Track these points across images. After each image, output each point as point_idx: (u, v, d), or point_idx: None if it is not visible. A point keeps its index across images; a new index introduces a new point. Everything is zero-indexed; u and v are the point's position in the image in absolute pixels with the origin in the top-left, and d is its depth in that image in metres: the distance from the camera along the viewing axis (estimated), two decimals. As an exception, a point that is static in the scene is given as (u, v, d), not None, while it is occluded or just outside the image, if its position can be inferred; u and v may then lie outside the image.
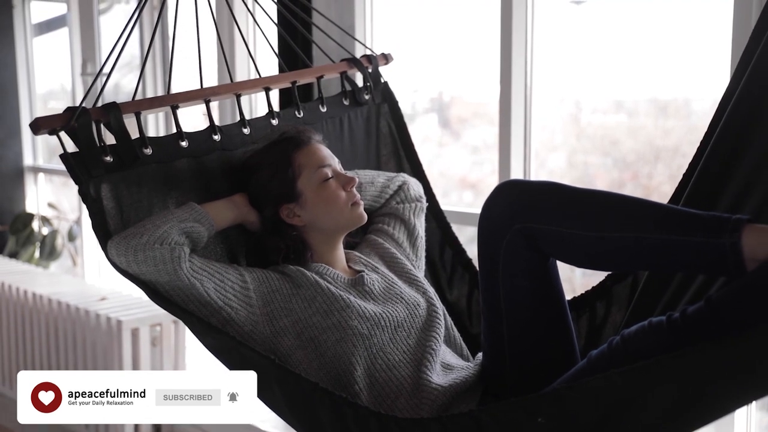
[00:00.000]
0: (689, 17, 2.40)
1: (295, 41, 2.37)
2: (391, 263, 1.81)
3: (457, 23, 2.93)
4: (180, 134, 1.72)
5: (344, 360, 1.56)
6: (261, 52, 3.33)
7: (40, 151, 4.88)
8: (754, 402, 1.26)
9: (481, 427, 1.25)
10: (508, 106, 2.51)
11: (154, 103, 1.73)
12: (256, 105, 3.36)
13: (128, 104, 1.68)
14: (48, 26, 4.83)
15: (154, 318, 3.41)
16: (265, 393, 1.54)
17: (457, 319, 1.94)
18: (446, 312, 1.78)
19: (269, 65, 3.24)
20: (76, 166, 1.59)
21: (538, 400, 1.24)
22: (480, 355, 1.68)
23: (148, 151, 1.67)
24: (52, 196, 4.92)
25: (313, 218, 1.72)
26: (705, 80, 2.43)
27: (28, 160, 4.85)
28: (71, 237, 4.58)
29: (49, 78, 4.94)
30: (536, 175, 2.59)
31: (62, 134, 1.63)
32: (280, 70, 2.27)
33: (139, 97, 1.71)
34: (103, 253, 1.59)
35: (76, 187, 4.68)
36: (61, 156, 1.60)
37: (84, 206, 3.65)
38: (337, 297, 1.61)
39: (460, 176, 3.04)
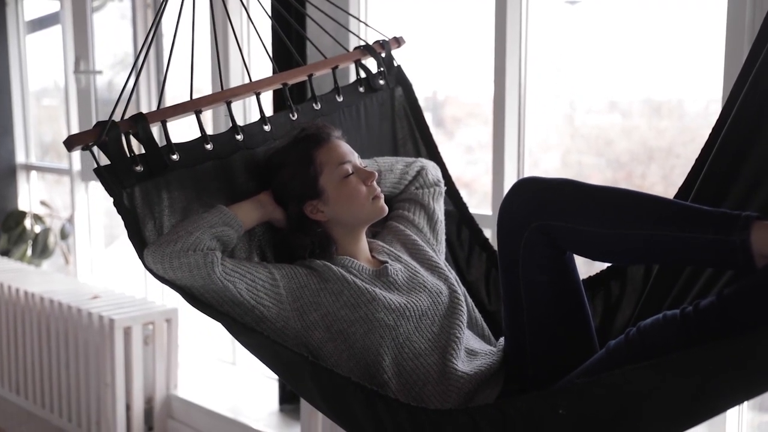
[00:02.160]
0: (683, 18, 2.41)
1: (290, 40, 2.37)
2: (414, 251, 1.86)
3: (452, 23, 2.93)
4: (204, 137, 1.76)
5: (372, 351, 1.62)
6: (255, 51, 3.33)
7: (33, 149, 4.87)
8: (748, 400, 1.30)
9: (506, 418, 1.31)
10: (502, 106, 2.52)
11: (178, 110, 1.76)
12: (257, 102, 3.35)
13: (154, 113, 1.71)
14: (41, 23, 4.83)
15: (146, 317, 3.41)
16: (299, 387, 1.61)
17: (476, 298, 1.98)
18: (467, 295, 1.83)
19: (261, 64, 3.24)
20: (109, 178, 1.63)
21: (559, 393, 1.32)
22: (502, 339, 1.73)
23: (175, 157, 1.70)
24: (44, 194, 4.91)
25: (336, 214, 1.76)
26: (698, 81, 2.44)
27: (20, 158, 4.83)
28: (63, 235, 4.57)
29: (42, 75, 4.92)
30: (529, 174, 2.59)
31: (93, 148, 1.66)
32: (276, 60, 2.27)
33: (132, 98, 1.72)
34: (139, 261, 1.63)
35: (68, 185, 4.65)
36: (95, 170, 1.64)
37: (77, 204, 3.63)
38: (363, 290, 1.66)
39: (454, 176, 3.04)
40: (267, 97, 2.78)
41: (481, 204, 2.96)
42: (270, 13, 2.13)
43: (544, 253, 1.52)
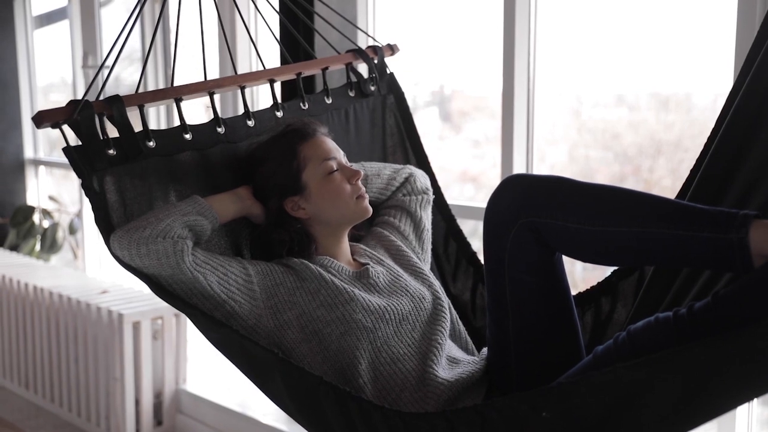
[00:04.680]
0: (691, 10, 2.40)
1: (297, 33, 2.37)
2: (397, 256, 1.81)
3: (459, 16, 2.92)
4: (184, 127, 1.72)
5: (348, 353, 1.56)
6: (262, 44, 3.33)
7: (41, 144, 4.87)
8: (754, 398, 1.25)
9: (485, 422, 1.25)
10: (510, 99, 2.51)
11: (157, 95, 1.73)
12: (257, 97, 3.35)
13: (131, 97, 1.67)
14: (49, 18, 4.83)
15: (155, 311, 3.42)
16: (268, 386, 1.54)
17: (461, 313, 1.94)
18: (451, 305, 1.78)
19: (269, 58, 3.23)
20: (79, 159, 1.59)
21: (543, 394, 1.23)
22: (485, 349, 1.68)
23: (152, 143, 1.67)
24: (53, 189, 4.92)
25: (317, 211, 1.71)
26: (706, 74, 2.43)
27: (28, 153, 4.84)
28: (72, 230, 4.58)
29: (50, 70, 4.93)
30: (537, 169, 2.58)
31: (64, 127, 1.63)
32: (283, 61, 2.26)
33: (140, 89, 1.70)
34: (105, 247, 1.59)
35: (76, 180, 4.67)
36: (64, 149, 1.60)
37: (85, 199, 3.61)
38: (342, 290, 1.61)
39: (460, 170, 3.03)
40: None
41: (488, 198, 2.95)
42: (275, 21, 2.13)
43: (533, 252, 1.46)
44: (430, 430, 1.29)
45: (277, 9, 2.11)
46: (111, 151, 1.61)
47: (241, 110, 3.08)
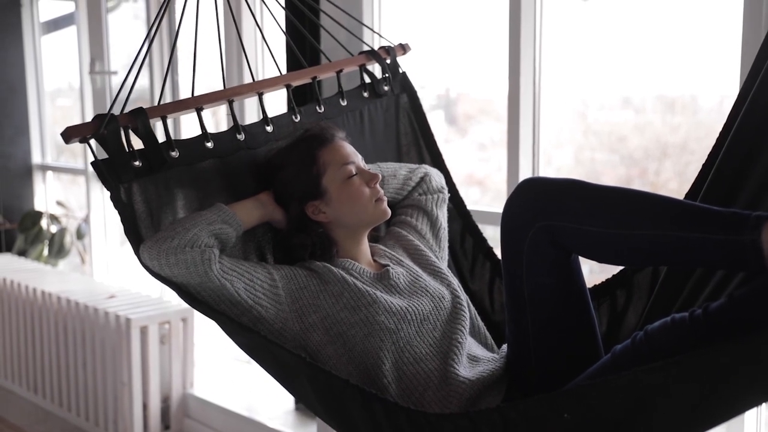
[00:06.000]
0: (697, 13, 2.40)
1: (304, 42, 2.37)
2: (416, 255, 1.84)
3: (464, 20, 2.92)
4: (205, 135, 1.75)
5: (372, 354, 1.59)
6: (263, 48, 3.34)
7: (49, 149, 4.89)
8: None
9: (507, 423, 1.28)
10: (516, 102, 2.51)
11: (179, 106, 1.76)
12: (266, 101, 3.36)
13: (154, 109, 1.70)
14: (56, 24, 4.85)
15: (162, 316, 3.43)
16: (296, 388, 1.59)
17: (480, 307, 1.97)
18: (470, 302, 1.81)
19: (269, 62, 3.24)
20: (107, 172, 1.62)
21: (564, 396, 1.27)
22: (505, 346, 1.71)
23: (175, 153, 1.69)
24: (60, 194, 4.94)
25: (338, 215, 1.74)
26: (712, 76, 2.42)
27: (36, 158, 4.86)
28: (80, 235, 4.60)
29: (57, 76, 4.95)
30: (543, 172, 2.58)
31: (91, 141, 1.66)
32: (292, 64, 2.26)
33: (149, 97, 1.72)
34: (135, 257, 1.62)
35: (84, 185, 4.67)
36: (92, 163, 1.63)
37: (92, 204, 3.64)
38: (364, 293, 1.64)
39: (467, 173, 3.03)
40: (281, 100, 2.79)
41: (494, 201, 2.95)
42: (284, 25, 2.14)
43: (549, 254, 1.50)
44: (454, 430, 1.32)
45: (284, 19, 2.12)
46: (137, 163, 1.64)
47: (246, 116, 3.09)
